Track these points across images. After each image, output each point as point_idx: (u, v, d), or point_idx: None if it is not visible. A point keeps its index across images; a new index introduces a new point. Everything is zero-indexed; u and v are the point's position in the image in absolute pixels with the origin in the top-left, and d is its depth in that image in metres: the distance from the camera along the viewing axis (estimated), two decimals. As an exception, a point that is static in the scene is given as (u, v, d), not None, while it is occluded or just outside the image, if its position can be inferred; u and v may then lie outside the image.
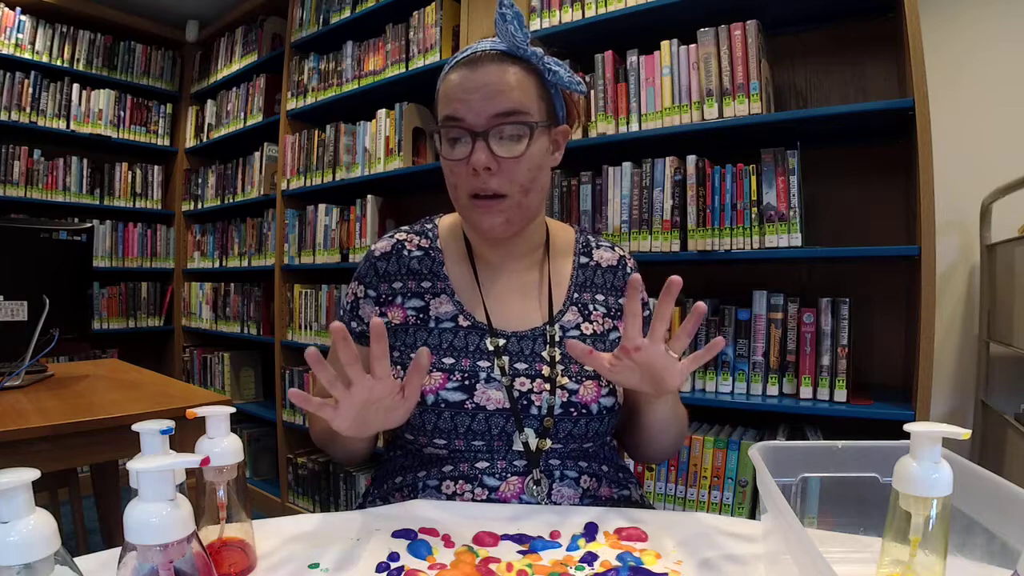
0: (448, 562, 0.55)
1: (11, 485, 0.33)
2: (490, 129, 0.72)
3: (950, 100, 1.63)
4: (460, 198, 0.77)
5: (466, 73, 0.73)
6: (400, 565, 0.54)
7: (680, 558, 0.56)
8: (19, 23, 2.75)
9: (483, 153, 0.72)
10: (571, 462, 0.76)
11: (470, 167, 0.72)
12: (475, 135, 0.72)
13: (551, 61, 0.76)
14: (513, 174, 0.74)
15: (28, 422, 0.95)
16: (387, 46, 2.23)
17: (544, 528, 0.63)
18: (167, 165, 3.35)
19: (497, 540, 0.60)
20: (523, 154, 0.73)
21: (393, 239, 0.86)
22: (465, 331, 0.79)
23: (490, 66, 0.73)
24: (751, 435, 1.54)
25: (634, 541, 0.60)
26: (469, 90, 0.72)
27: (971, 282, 1.69)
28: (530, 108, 0.74)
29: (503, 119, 0.72)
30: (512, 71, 0.73)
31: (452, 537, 0.60)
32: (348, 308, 0.85)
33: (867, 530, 0.55)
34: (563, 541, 0.60)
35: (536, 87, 0.75)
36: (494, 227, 0.76)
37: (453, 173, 0.76)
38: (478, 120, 0.72)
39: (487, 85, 0.72)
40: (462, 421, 0.73)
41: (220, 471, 0.51)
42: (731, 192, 1.48)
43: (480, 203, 0.75)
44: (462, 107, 0.72)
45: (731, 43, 1.49)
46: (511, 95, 0.72)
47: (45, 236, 1.29)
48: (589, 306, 0.84)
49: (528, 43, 0.74)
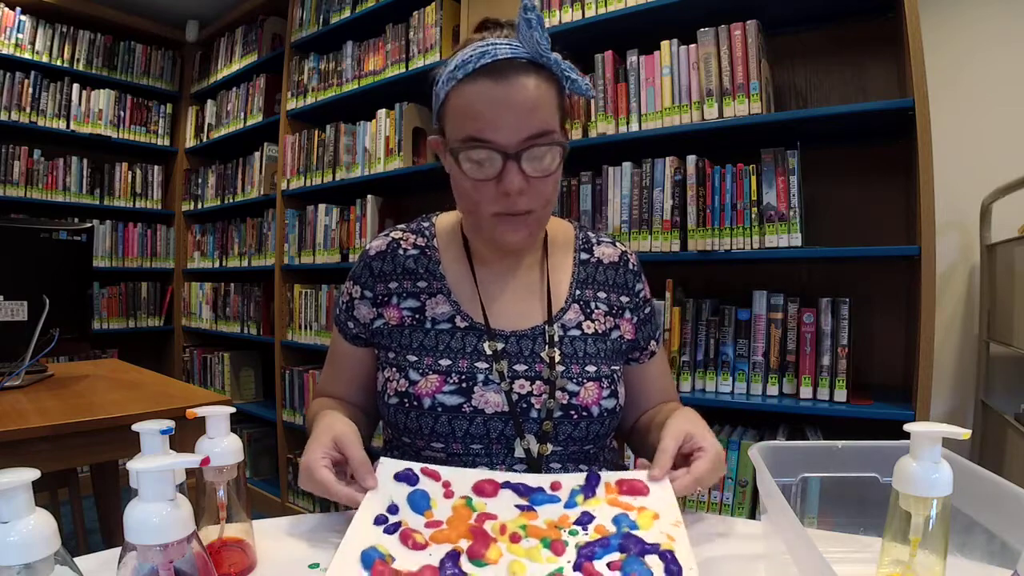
0: (445, 518, 0.55)
1: (11, 485, 0.33)
2: (523, 151, 0.68)
3: (950, 100, 1.63)
4: (482, 214, 0.73)
5: (491, 86, 0.67)
6: (398, 520, 0.54)
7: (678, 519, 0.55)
8: (19, 23, 2.75)
9: (517, 176, 0.68)
10: (571, 464, 0.76)
11: (501, 189, 0.69)
12: (506, 156, 0.68)
13: (567, 67, 0.72)
14: (542, 192, 0.71)
15: (28, 422, 0.96)
16: (387, 46, 2.23)
17: (545, 480, 0.62)
18: (167, 165, 3.35)
19: (497, 488, 0.60)
20: (553, 173, 0.71)
21: (388, 238, 0.85)
22: (462, 332, 0.77)
23: (518, 80, 0.67)
24: (751, 435, 1.54)
25: (635, 495, 0.59)
26: (498, 107, 0.67)
27: (971, 282, 1.69)
28: (554, 123, 0.71)
29: (535, 140, 0.68)
30: (539, 84, 0.69)
31: (452, 485, 0.60)
32: (344, 308, 0.85)
33: (867, 530, 0.55)
34: (562, 495, 0.60)
35: (556, 98, 0.72)
36: (519, 241, 0.74)
37: (477, 191, 0.71)
38: (510, 142, 0.67)
39: (519, 105, 0.67)
40: (460, 425, 0.73)
41: (220, 471, 0.51)
42: (731, 192, 1.48)
43: (506, 222, 0.72)
44: (490, 128, 0.67)
45: (731, 43, 1.49)
46: (541, 114, 0.69)
47: (45, 236, 1.29)
48: (591, 304, 0.82)
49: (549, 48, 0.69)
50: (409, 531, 0.53)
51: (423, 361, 0.76)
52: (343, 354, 0.86)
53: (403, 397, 0.75)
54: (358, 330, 0.83)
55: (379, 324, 0.81)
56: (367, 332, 0.82)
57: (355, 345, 0.84)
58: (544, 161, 0.70)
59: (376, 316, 0.81)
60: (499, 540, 0.53)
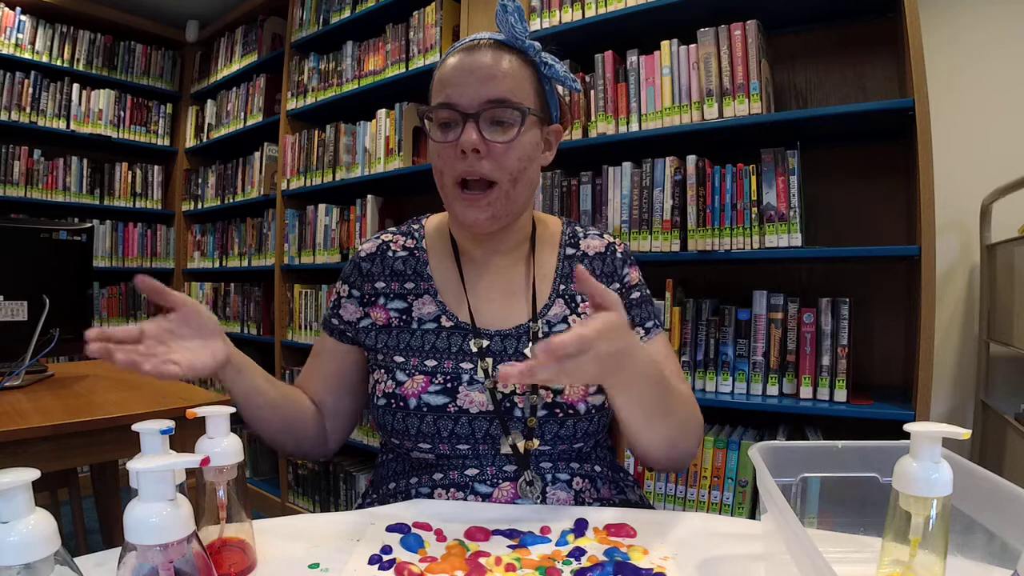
0: (439, 555, 0.56)
1: (11, 485, 0.33)
2: (482, 112, 0.71)
3: (950, 100, 1.63)
4: (446, 185, 0.75)
5: (462, 57, 0.73)
6: (392, 558, 0.55)
7: (667, 555, 0.56)
8: (19, 23, 2.75)
9: (473, 133, 0.71)
10: (562, 464, 0.75)
11: (458, 148, 0.71)
12: (466, 116, 0.71)
13: (547, 56, 0.76)
14: (503, 160, 0.72)
15: (28, 422, 0.95)
16: (387, 46, 2.23)
17: (535, 524, 0.63)
18: (167, 165, 3.35)
19: (488, 535, 0.61)
20: (514, 139, 0.72)
21: (379, 240, 0.86)
22: (448, 332, 0.77)
23: (487, 52, 0.73)
24: (751, 435, 1.54)
25: (623, 537, 0.60)
26: (464, 73, 0.72)
27: (971, 282, 1.70)
28: (523, 98, 0.74)
29: (496, 105, 0.71)
30: (508, 59, 0.73)
31: (444, 532, 0.61)
32: (331, 306, 0.86)
33: (867, 530, 0.55)
34: (553, 536, 0.61)
35: (531, 80, 0.75)
36: (479, 221, 0.74)
37: (440, 157, 0.74)
38: (470, 103, 0.71)
39: (481, 68, 0.72)
40: (445, 425, 0.73)
41: (220, 471, 0.51)
42: (731, 192, 1.48)
43: (467, 195, 0.73)
44: (455, 91, 0.72)
45: (731, 43, 1.49)
46: (505, 81, 0.72)
47: (45, 236, 1.29)
48: (577, 297, 0.81)
49: (527, 36, 0.74)
50: (404, 564, 0.53)
51: (409, 362, 0.76)
52: (320, 350, 0.86)
53: (390, 398, 0.75)
54: (343, 327, 0.83)
55: (365, 324, 0.81)
56: (352, 330, 0.82)
57: (337, 340, 0.84)
58: (505, 129, 0.73)
59: (363, 316, 0.82)
60: (494, 571, 0.53)
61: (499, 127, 0.72)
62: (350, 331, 0.83)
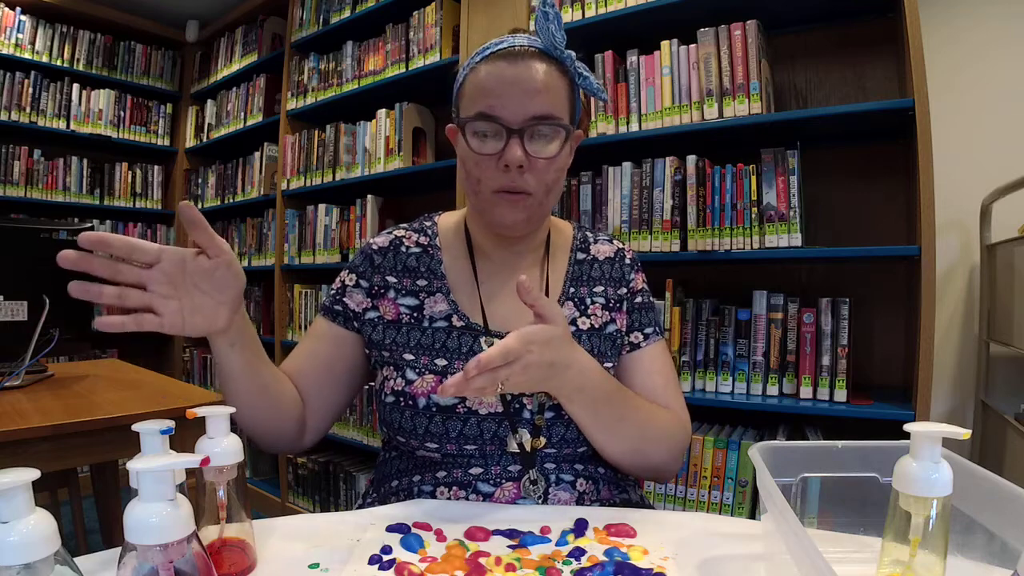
0: (439, 555, 0.56)
1: (11, 485, 0.33)
2: (526, 128, 0.71)
3: (950, 100, 1.64)
4: (483, 192, 0.75)
5: (503, 67, 0.72)
6: (392, 558, 0.55)
7: (667, 555, 0.56)
8: (19, 23, 2.75)
9: (519, 150, 0.70)
10: (567, 465, 0.75)
11: (502, 163, 0.71)
12: (510, 131, 0.71)
13: (581, 66, 0.76)
14: (542, 174, 0.73)
15: (28, 422, 0.95)
16: (387, 46, 2.23)
17: (535, 524, 0.63)
18: (167, 165, 3.35)
19: (488, 535, 0.61)
20: (555, 156, 0.73)
21: (391, 235, 0.85)
22: (459, 331, 0.78)
23: (528, 63, 0.72)
24: (751, 435, 1.54)
25: (622, 537, 0.61)
26: (507, 85, 0.71)
27: (971, 282, 1.70)
28: (563, 111, 0.74)
29: (540, 121, 0.71)
30: (549, 72, 0.73)
31: (445, 532, 0.61)
32: (333, 293, 0.83)
33: (867, 530, 0.55)
34: (553, 536, 0.61)
35: (567, 90, 0.75)
36: (517, 223, 0.76)
37: (479, 167, 0.74)
38: (515, 118, 0.71)
39: (526, 81, 0.71)
40: (454, 425, 0.73)
41: (220, 471, 0.51)
42: (731, 192, 1.48)
43: (507, 197, 0.74)
44: (498, 103, 0.71)
45: (731, 43, 1.49)
46: (549, 96, 0.72)
47: (45, 236, 1.29)
48: (586, 299, 0.83)
49: (564, 44, 0.74)
50: (404, 564, 0.53)
51: (420, 360, 0.76)
52: (315, 333, 0.83)
53: (399, 396, 0.75)
54: (344, 312, 0.81)
55: (372, 316, 0.80)
56: (357, 320, 0.81)
57: (339, 325, 0.82)
58: (547, 144, 0.73)
59: (370, 307, 0.81)
60: (494, 571, 0.53)
61: (541, 140, 0.73)
62: (354, 319, 0.81)
